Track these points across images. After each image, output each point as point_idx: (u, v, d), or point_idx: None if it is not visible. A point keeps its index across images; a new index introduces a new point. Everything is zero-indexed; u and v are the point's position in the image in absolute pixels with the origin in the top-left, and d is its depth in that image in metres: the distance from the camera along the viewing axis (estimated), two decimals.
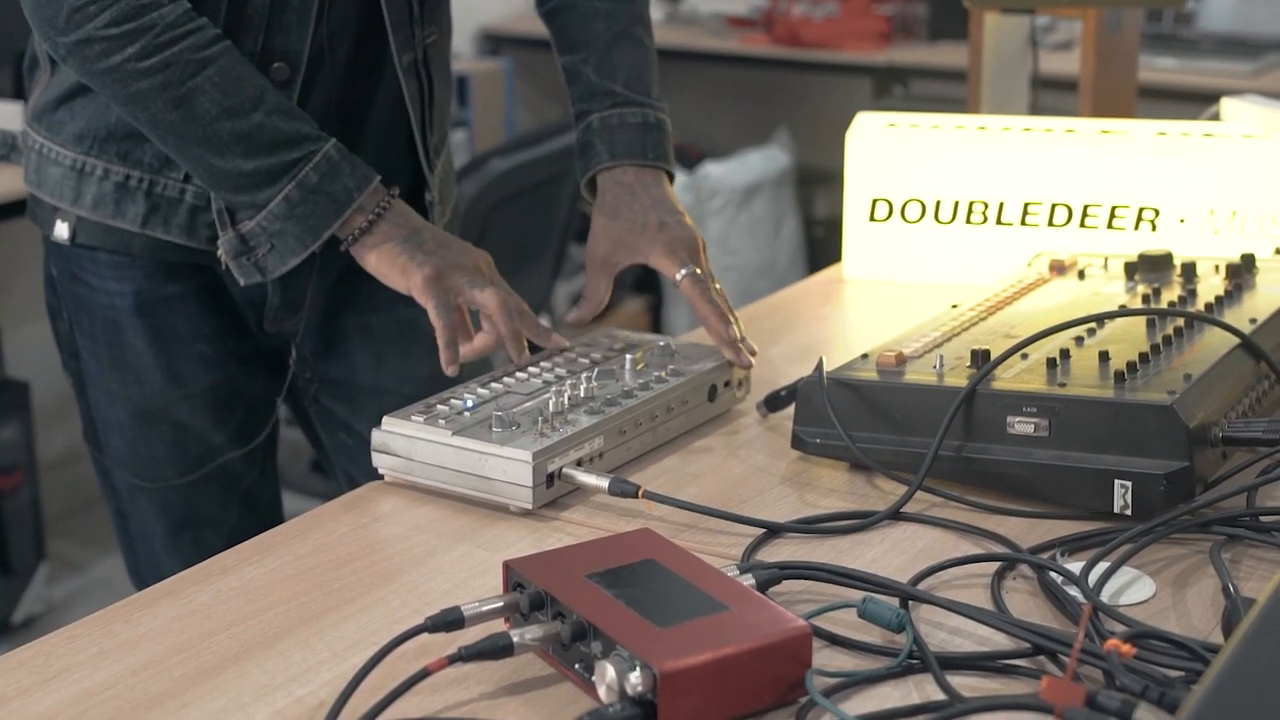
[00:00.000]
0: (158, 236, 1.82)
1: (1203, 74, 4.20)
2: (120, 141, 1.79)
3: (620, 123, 1.85)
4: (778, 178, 4.87)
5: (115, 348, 1.89)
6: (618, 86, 1.87)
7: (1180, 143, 2.08)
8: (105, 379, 1.91)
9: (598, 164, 1.85)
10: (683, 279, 1.75)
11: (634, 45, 1.89)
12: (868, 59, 4.57)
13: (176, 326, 1.89)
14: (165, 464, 1.92)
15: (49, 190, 1.86)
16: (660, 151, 1.86)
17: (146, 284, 1.86)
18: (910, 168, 2.14)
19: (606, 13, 1.89)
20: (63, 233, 1.86)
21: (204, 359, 1.90)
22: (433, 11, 1.88)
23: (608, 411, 1.53)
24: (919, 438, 1.48)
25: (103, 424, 1.94)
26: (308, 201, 1.69)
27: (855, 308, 2.10)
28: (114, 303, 1.88)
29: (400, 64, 1.84)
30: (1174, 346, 1.55)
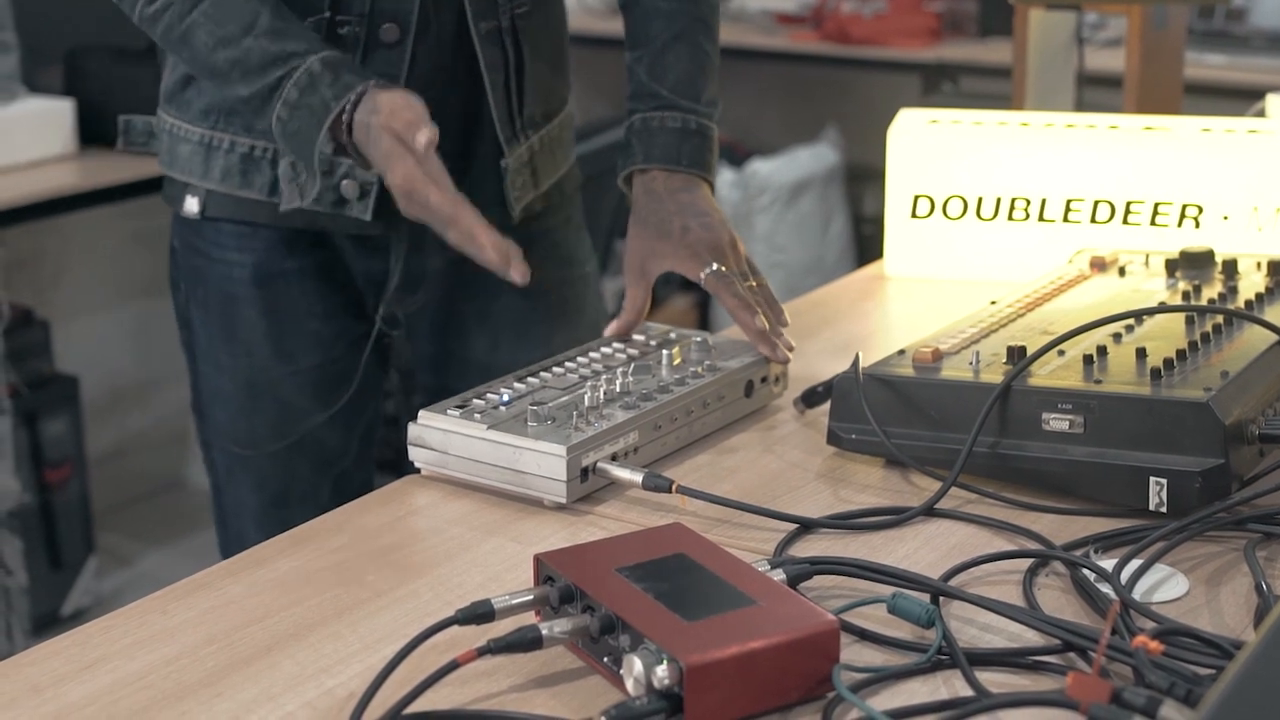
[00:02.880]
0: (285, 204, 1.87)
1: (1253, 70, 4.17)
2: (244, 115, 1.85)
3: (660, 126, 1.86)
4: (826, 175, 4.86)
5: (228, 319, 1.95)
6: (664, 89, 1.88)
7: (1224, 139, 2.07)
8: (215, 350, 1.97)
9: (631, 164, 1.86)
10: (706, 277, 1.75)
11: (690, 49, 1.90)
12: (917, 56, 4.56)
13: (292, 302, 1.94)
14: (264, 438, 1.96)
15: (180, 168, 1.93)
16: (696, 159, 1.86)
17: (267, 257, 1.92)
18: (952, 164, 2.13)
19: (667, 13, 1.90)
20: (192, 207, 1.93)
21: (314, 337, 1.95)
22: None
23: (643, 406, 1.54)
24: (954, 434, 1.48)
25: (208, 395, 1.99)
26: (294, 119, 1.72)
27: (896, 304, 2.10)
28: (232, 274, 1.93)
29: (477, 31, 1.87)
30: (1212, 343, 1.55)
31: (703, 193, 1.85)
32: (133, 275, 4.25)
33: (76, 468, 3.72)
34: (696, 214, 1.81)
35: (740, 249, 1.81)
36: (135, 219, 4.17)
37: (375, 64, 1.82)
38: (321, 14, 1.80)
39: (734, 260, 1.78)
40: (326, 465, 1.98)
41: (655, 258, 1.79)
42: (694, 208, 1.81)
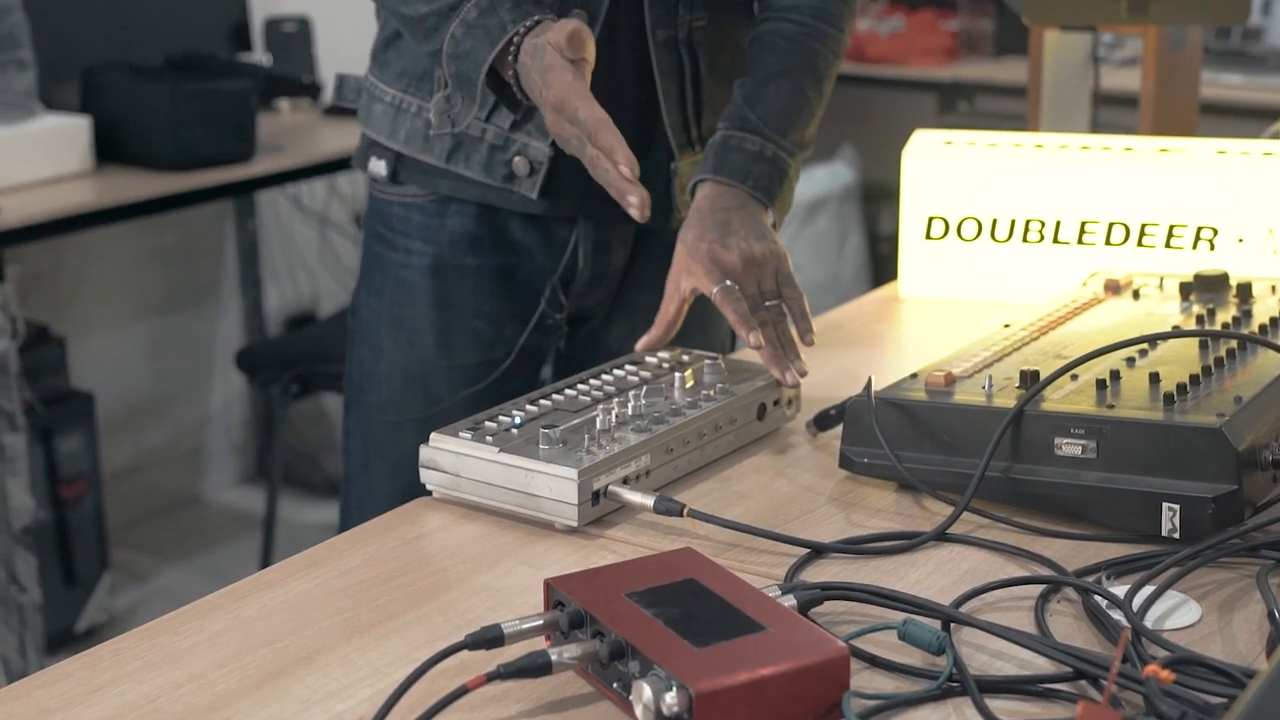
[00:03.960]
0: (460, 172, 1.97)
1: (1270, 90, 4.17)
2: (433, 82, 1.95)
3: (738, 145, 1.89)
4: (842, 193, 4.86)
5: (397, 305, 2.03)
6: (754, 115, 1.90)
7: (1239, 161, 2.06)
8: (378, 335, 2.05)
9: (700, 174, 1.89)
10: (715, 293, 1.76)
11: (791, 88, 1.93)
12: (933, 75, 4.56)
13: (462, 297, 2.01)
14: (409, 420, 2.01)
15: (373, 125, 2.03)
16: (763, 184, 1.87)
17: (448, 250, 2.00)
18: (967, 186, 2.13)
19: (781, 50, 1.95)
20: (379, 169, 2.02)
21: (477, 335, 2.03)
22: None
23: (655, 430, 1.53)
24: (967, 458, 1.48)
25: (365, 377, 2.07)
26: (469, 38, 1.79)
27: (910, 326, 2.10)
28: (411, 262, 2.02)
29: (654, 38, 1.94)
30: (1226, 368, 1.54)
31: (749, 213, 1.85)
32: (148, 291, 4.26)
33: (91, 484, 3.72)
34: (727, 232, 1.81)
35: (770, 265, 1.80)
36: (151, 235, 4.19)
37: None
38: None
39: (756, 277, 1.77)
40: None
41: (685, 275, 1.81)
42: (728, 226, 1.82)
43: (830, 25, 1.97)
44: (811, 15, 1.96)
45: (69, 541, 3.68)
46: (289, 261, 4.62)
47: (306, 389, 3.96)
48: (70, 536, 3.68)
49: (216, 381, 4.47)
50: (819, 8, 1.97)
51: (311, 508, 4.31)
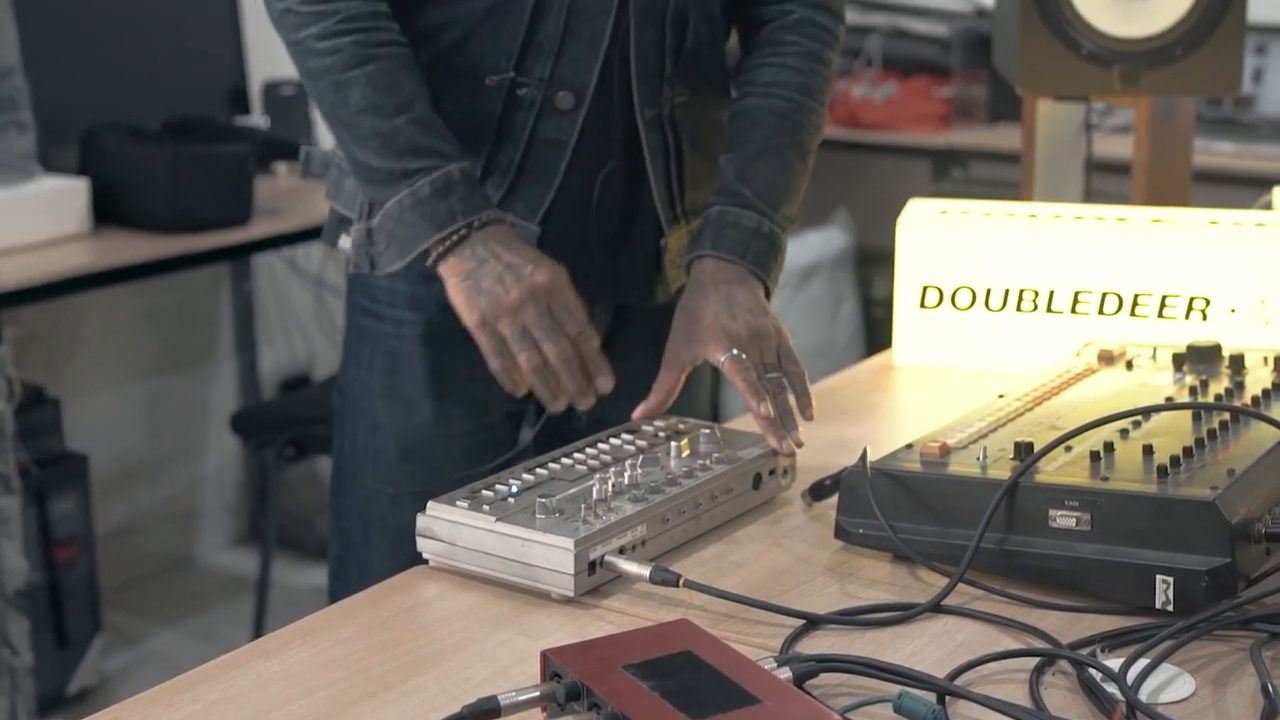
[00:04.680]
0: None
1: (1261, 158, 4.19)
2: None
3: (735, 220, 1.91)
4: (836, 258, 4.87)
5: (391, 377, 2.01)
6: (748, 191, 1.93)
7: (1232, 232, 2.08)
8: (373, 409, 2.03)
9: (698, 250, 1.91)
10: (724, 361, 1.79)
11: (780, 163, 1.96)
12: (927, 141, 4.58)
13: (457, 365, 1.98)
14: (409, 493, 1.97)
15: (343, 202, 1.99)
16: (760, 259, 1.90)
17: (439, 316, 1.94)
18: (961, 255, 2.14)
19: (769, 125, 1.97)
20: (345, 245, 1.99)
21: (474, 402, 2.01)
22: (686, 73, 1.97)
23: (651, 499, 1.54)
24: (962, 529, 1.48)
25: (360, 454, 2.04)
26: (415, 210, 1.82)
27: (905, 394, 2.11)
28: (402, 332, 2.00)
29: (641, 116, 1.94)
30: (1219, 440, 1.55)
31: (749, 289, 1.88)
32: (143, 353, 4.27)
33: (85, 546, 3.72)
34: (732, 305, 1.84)
35: (772, 338, 1.83)
36: (146, 297, 4.20)
37: (547, 128, 1.91)
38: (506, 74, 1.89)
39: (761, 349, 1.80)
40: None
41: (687, 345, 1.83)
42: (733, 300, 1.85)
43: (814, 100, 2.00)
44: (797, 91, 1.99)
45: (61, 603, 3.67)
46: (284, 324, 4.62)
47: (301, 452, 3.96)
48: (63, 598, 3.67)
49: (211, 444, 4.47)
50: (803, 84, 1.99)
51: (305, 571, 4.30)
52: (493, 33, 1.89)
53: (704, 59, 1.99)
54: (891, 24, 4.80)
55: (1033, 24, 2.32)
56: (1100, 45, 2.32)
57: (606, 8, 1.88)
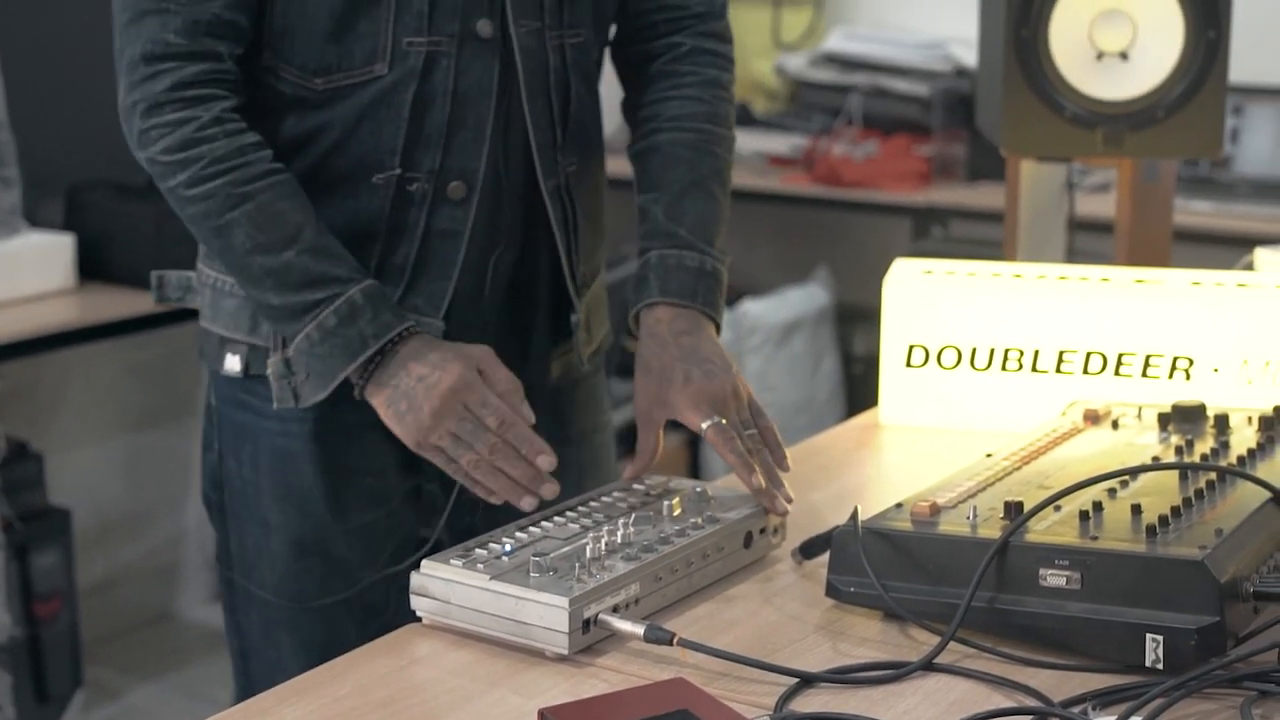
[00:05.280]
0: None
1: (1240, 218, 4.22)
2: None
3: (678, 263, 1.90)
4: (817, 315, 4.89)
5: (281, 477, 1.91)
6: (682, 230, 1.92)
7: (1214, 293, 2.10)
8: (263, 509, 1.93)
9: (647, 297, 1.90)
10: (706, 430, 1.78)
11: (706, 196, 1.95)
12: (907, 199, 4.60)
13: (350, 458, 1.91)
14: (313, 595, 1.92)
15: (223, 323, 1.92)
16: (709, 299, 1.90)
17: (328, 412, 1.87)
18: (947, 314, 2.16)
19: (687, 161, 1.96)
20: (234, 366, 1.91)
21: (370, 493, 1.92)
22: (574, 141, 1.94)
23: (644, 558, 1.55)
24: (953, 588, 1.50)
25: (252, 554, 1.94)
26: (325, 342, 1.77)
27: (891, 453, 2.12)
28: (289, 429, 1.90)
29: (545, 188, 1.90)
30: (1206, 500, 1.57)
31: (707, 334, 1.88)
32: (126, 408, 4.27)
33: (66, 601, 3.71)
34: (699, 361, 1.83)
35: (743, 395, 1.84)
36: (130, 352, 4.20)
37: (440, 220, 1.85)
38: (392, 170, 1.83)
39: (735, 409, 1.80)
40: (371, 619, 1.90)
41: (660, 406, 1.82)
42: (697, 354, 1.84)
43: (723, 127, 2.00)
44: (705, 120, 1.98)
45: (42, 658, 3.66)
46: None
47: None
48: (44, 653, 3.66)
49: (192, 498, 4.46)
50: (710, 112, 1.99)
51: None
52: (373, 131, 1.82)
53: (587, 125, 1.97)
54: (872, 83, 4.83)
55: (1017, 86, 2.34)
56: (1083, 107, 2.34)
57: (488, 91, 1.84)
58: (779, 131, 4.93)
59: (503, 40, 1.84)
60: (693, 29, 2.02)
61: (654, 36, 2.01)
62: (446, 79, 1.82)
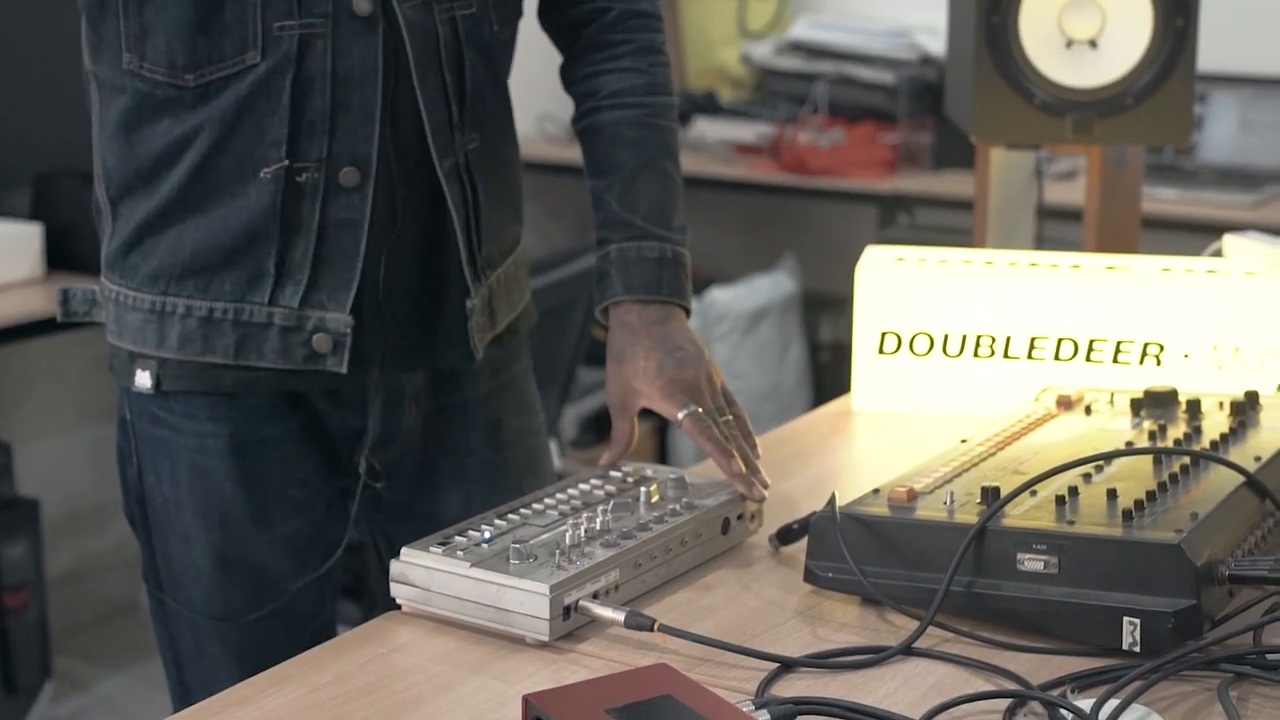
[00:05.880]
0: (252, 365, 1.80)
1: (1204, 205, 4.25)
2: (197, 276, 1.79)
3: (638, 256, 1.88)
4: (784, 303, 4.91)
5: (200, 492, 1.85)
6: (638, 219, 1.89)
7: (1184, 279, 2.11)
8: (184, 525, 1.86)
9: (611, 296, 1.88)
10: (682, 419, 1.78)
11: (658, 176, 1.91)
12: (873, 187, 4.62)
13: (270, 470, 1.86)
14: (241, 608, 1.87)
15: (130, 338, 1.84)
16: (675, 287, 1.88)
17: (244, 425, 1.84)
18: (918, 301, 2.17)
19: (634, 140, 1.92)
20: (144, 381, 1.83)
21: (293, 503, 1.87)
22: (473, 116, 1.86)
23: (623, 545, 1.56)
24: (931, 573, 1.51)
25: (178, 570, 1.88)
26: None
27: (865, 440, 2.13)
28: (205, 445, 1.84)
29: (441, 168, 1.82)
30: (1180, 484, 1.58)
31: (678, 322, 1.88)
32: (94, 398, 4.26)
33: (35, 591, 3.70)
34: (671, 349, 1.83)
35: (716, 381, 1.84)
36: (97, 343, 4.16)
37: (336, 210, 1.77)
38: (280, 163, 1.75)
39: (710, 397, 1.81)
40: (302, 627, 1.89)
41: (633, 395, 1.82)
42: (669, 342, 1.84)
43: (665, 95, 1.95)
44: (645, 93, 1.93)
45: (10, 649, 3.65)
46: None
47: None
48: (12, 644, 3.65)
49: None
50: (649, 83, 1.94)
51: None
52: (254, 123, 1.74)
53: (486, 98, 1.88)
54: (838, 71, 4.85)
55: (987, 74, 2.35)
56: (1053, 95, 2.35)
57: (372, 71, 1.76)
58: (745, 120, 4.95)
59: (385, 16, 1.76)
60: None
61: (578, 1, 1.96)
62: (324, 62, 1.74)
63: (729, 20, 5.24)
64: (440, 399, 1.93)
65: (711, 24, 5.24)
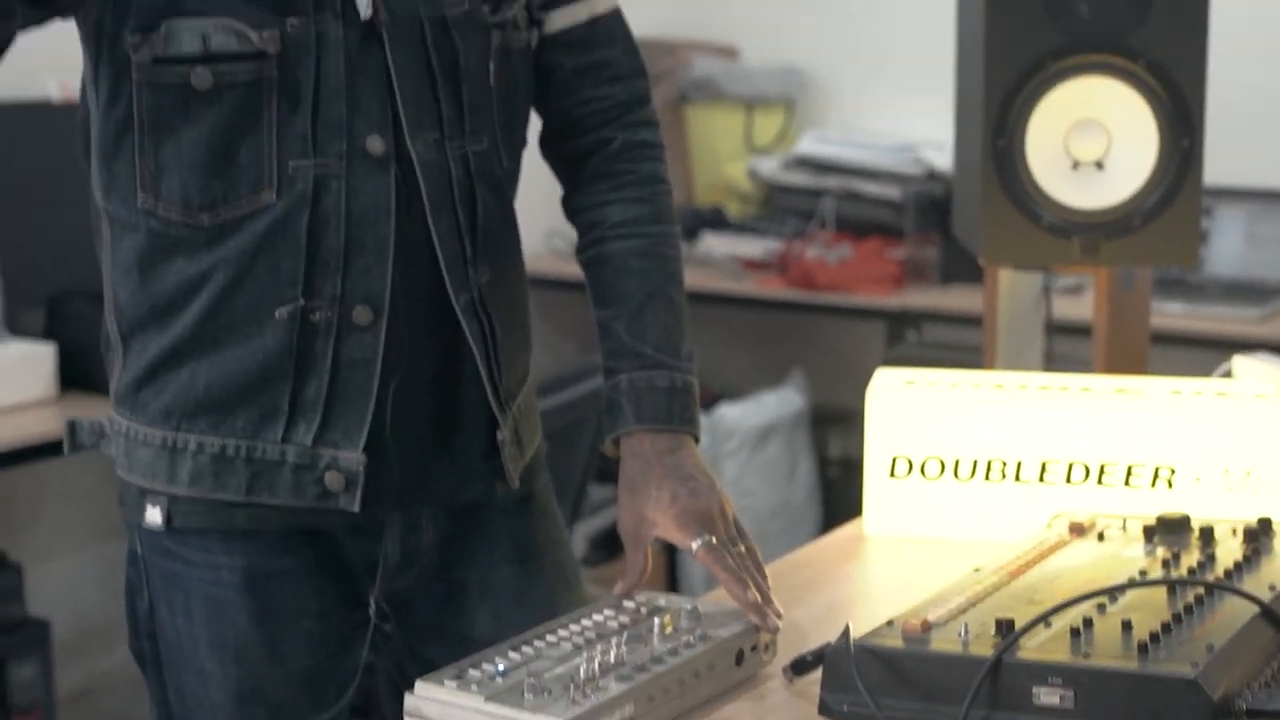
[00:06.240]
0: (264, 502, 1.80)
1: (1212, 319, 4.26)
2: (210, 413, 1.79)
3: (649, 385, 1.89)
4: (793, 419, 4.91)
5: (215, 626, 1.84)
6: (648, 348, 1.90)
7: (1194, 401, 2.12)
8: (199, 659, 1.85)
9: (623, 426, 1.89)
10: (697, 550, 1.79)
11: (666, 305, 1.93)
12: (881, 302, 4.64)
13: (285, 603, 1.85)
14: None
15: (140, 473, 1.84)
16: (686, 415, 1.89)
17: (259, 558, 1.83)
18: (929, 424, 2.18)
19: (640, 270, 1.93)
20: (155, 518, 1.83)
21: (308, 636, 1.86)
22: (485, 251, 1.87)
23: (638, 678, 1.55)
24: (946, 706, 1.50)
25: (192, 704, 1.86)
26: None
27: (877, 566, 2.13)
28: (220, 578, 1.83)
29: (458, 303, 1.84)
30: (1195, 615, 1.58)
31: (689, 451, 1.89)
32: (104, 517, 4.25)
33: (45, 712, 3.69)
34: (684, 479, 1.84)
35: (729, 512, 1.85)
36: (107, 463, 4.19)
37: (349, 348, 1.78)
38: (294, 302, 1.76)
39: (723, 527, 1.81)
40: None
41: (646, 525, 1.83)
42: (681, 471, 1.85)
43: (668, 224, 1.98)
44: (650, 222, 1.96)
45: None
46: None
47: None
48: None
49: None
50: (654, 213, 1.96)
51: None
52: (270, 262, 1.76)
53: (498, 233, 1.90)
54: (845, 186, 4.88)
55: (994, 196, 2.37)
56: (1060, 216, 2.36)
57: (385, 210, 1.77)
58: (752, 235, 4.97)
59: (397, 156, 1.78)
60: (620, 120, 1.98)
61: (581, 132, 1.98)
62: (339, 201, 1.76)
63: (736, 135, 5.27)
64: (461, 519, 1.93)
65: (719, 139, 5.28)
